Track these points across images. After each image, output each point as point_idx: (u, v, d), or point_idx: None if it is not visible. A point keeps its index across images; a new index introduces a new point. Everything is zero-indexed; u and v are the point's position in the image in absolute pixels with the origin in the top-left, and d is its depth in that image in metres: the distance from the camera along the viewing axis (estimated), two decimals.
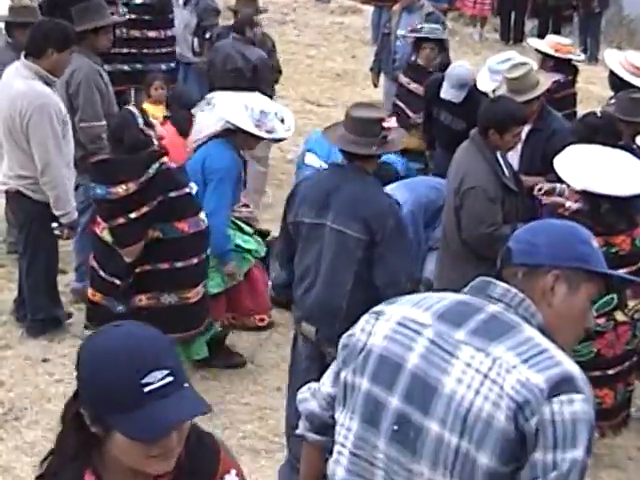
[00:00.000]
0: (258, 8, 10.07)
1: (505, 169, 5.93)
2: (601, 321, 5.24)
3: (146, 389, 2.07)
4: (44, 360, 6.72)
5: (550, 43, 8.63)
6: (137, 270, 5.70)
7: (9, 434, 5.85)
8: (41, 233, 6.82)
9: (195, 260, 5.77)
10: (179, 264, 5.73)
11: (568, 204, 5.45)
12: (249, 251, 6.35)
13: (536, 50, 8.88)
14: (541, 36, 13.79)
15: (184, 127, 7.24)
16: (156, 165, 5.60)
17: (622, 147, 5.76)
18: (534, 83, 6.92)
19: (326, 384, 2.76)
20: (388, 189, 5.67)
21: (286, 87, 12.99)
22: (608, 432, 5.59)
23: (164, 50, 9.76)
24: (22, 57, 6.69)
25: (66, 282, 7.64)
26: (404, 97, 9.44)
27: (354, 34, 16.54)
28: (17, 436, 5.82)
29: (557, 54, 8.43)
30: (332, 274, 5.12)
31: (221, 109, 6.23)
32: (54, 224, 6.75)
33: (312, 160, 7.65)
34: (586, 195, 5.28)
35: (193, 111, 6.52)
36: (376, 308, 2.69)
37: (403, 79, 9.55)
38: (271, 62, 9.94)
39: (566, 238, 2.60)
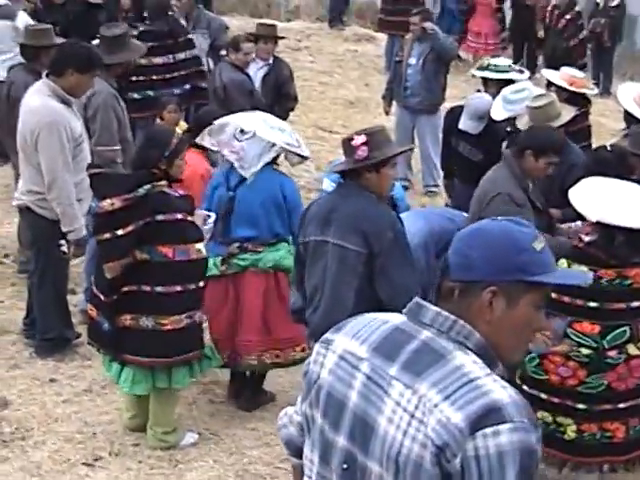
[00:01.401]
0: (274, 35, 10.10)
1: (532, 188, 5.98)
2: (613, 354, 5.22)
3: None
4: (52, 380, 6.72)
5: (564, 76, 8.62)
6: (125, 289, 5.69)
7: (15, 454, 5.84)
8: (51, 250, 6.85)
9: (178, 288, 5.71)
10: (159, 289, 5.69)
11: (582, 236, 5.45)
12: None
13: (548, 82, 8.87)
14: (552, 66, 13.80)
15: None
16: (148, 186, 5.60)
17: (634, 181, 5.75)
18: (556, 114, 6.96)
19: (298, 412, 2.74)
20: (403, 217, 5.70)
21: (299, 113, 13.01)
22: (620, 468, 5.54)
23: (175, 74, 9.77)
24: (44, 76, 6.79)
25: (75, 302, 7.65)
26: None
27: (368, 62, 16.59)
28: (23, 456, 5.81)
29: (572, 88, 8.43)
30: (335, 291, 5.19)
31: (268, 135, 6.27)
32: (61, 241, 6.78)
33: (327, 186, 7.72)
34: (600, 227, 5.25)
35: (226, 143, 6.44)
36: (326, 335, 2.64)
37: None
38: (287, 90, 9.96)
39: (503, 249, 2.44)
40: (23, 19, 10.10)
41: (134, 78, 8.89)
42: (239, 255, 6.29)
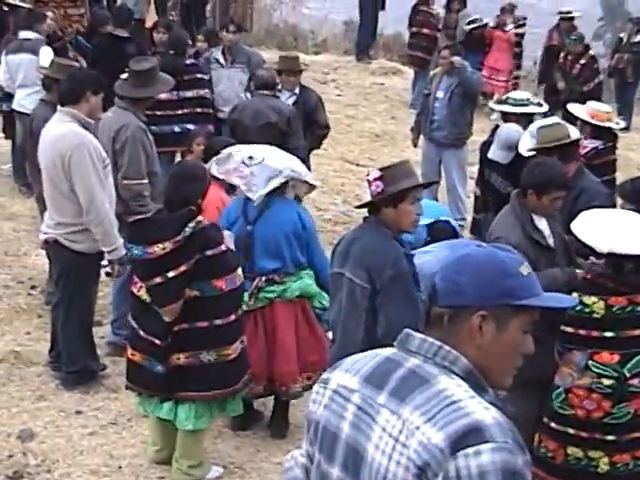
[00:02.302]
0: (297, 69, 10.07)
1: (542, 230, 5.89)
2: (635, 381, 5.19)
3: None
4: (78, 412, 6.73)
5: (588, 110, 8.62)
6: (175, 329, 5.70)
7: None
8: (77, 283, 6.89)
9: (233, 317, 5.79)
10: (218, 322, 5.72)
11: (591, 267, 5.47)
12: None
13: (573, 116, 8.84)
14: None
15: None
16: (192, 224, 5.63)
17: None
18: (561, 136, 6.97)
19: (303, 453, 2.75)
20: (432, 247, 5.71)
21: (326, 146, 13.05)
22: None
23: (179, 112, 9.82)
24: (59, 107, 6.85)
25: (101, 334, 7.67)
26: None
27: (394, 95, 16.65)
28: None
29: (593, 121, 8.41)
30: (346, 325, 5.25)
31: (278, 162, 6.36)
32: (104, 262, 6.80)
33: None
34: (609, 256, 5.26)
35: (234, 169, 6.51)
36: (324, 375, 2.68)
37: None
38: (316, 117, 9.87)
39: (491, 274, 2.49)
40: (46, 54, 10.24)
41: (158, 113, 8.96)
42: (266, 287, 6.34)
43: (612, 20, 47.78)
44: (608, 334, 5.20)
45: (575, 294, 5.22)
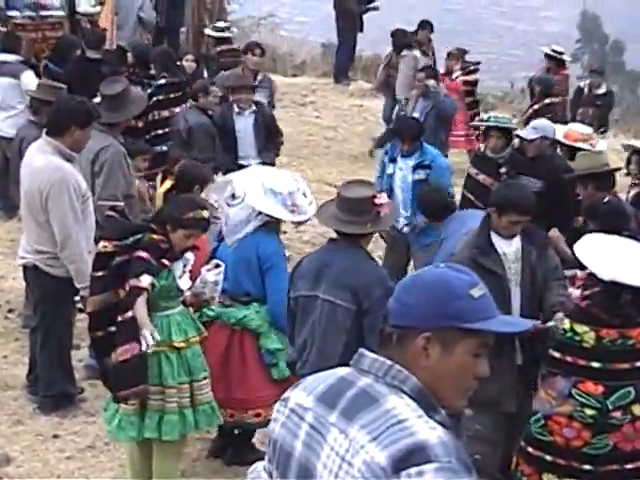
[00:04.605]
0: (249, 85, 10.40)
1: (504, 252, 5.79)
2: (617, 414, 5.17)
3: None
4: (55, 436, 6.70)
5: (565, 129, 8.72)
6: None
7: None
8: (57, 308, 6.87)
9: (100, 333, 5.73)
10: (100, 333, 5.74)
11: (570, 290, 5.47)
12: None
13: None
14: None
15: None
16: (139, 236, 5.64)
17: (629, 236, 5.73)
18: (596, 165, 7.09)
19: (266, 468, 2.74)
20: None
21: (303, 167, 13.08)
22: None
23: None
24: (43, 134, 6.80)
25: (79, 358, 7.64)
26: (472, 188, 8.72)
27: (372, 117, 16.66)
28: None
29: (564, 140, 8.47)
30: (323, 345, 5.25)
31: (254, 202, 6.13)
32: (76, 297, 6.79)
33: None
34: (608, 286, 5.18)
35: (218, 203, 6.45)
36: (285, 394, 2.69)
37: (471, 170, 8.96)
38: (276, 126, 10.42)
39: (438, 295, 2.46)
40: (30, 76, 10.23)
41: (160, 131, 9.07)
42: (209, 306, 6.18)
43: (589, 42, 48.14)
44: (595, 364, 5.17)
45: (567, 322, 5.22)
